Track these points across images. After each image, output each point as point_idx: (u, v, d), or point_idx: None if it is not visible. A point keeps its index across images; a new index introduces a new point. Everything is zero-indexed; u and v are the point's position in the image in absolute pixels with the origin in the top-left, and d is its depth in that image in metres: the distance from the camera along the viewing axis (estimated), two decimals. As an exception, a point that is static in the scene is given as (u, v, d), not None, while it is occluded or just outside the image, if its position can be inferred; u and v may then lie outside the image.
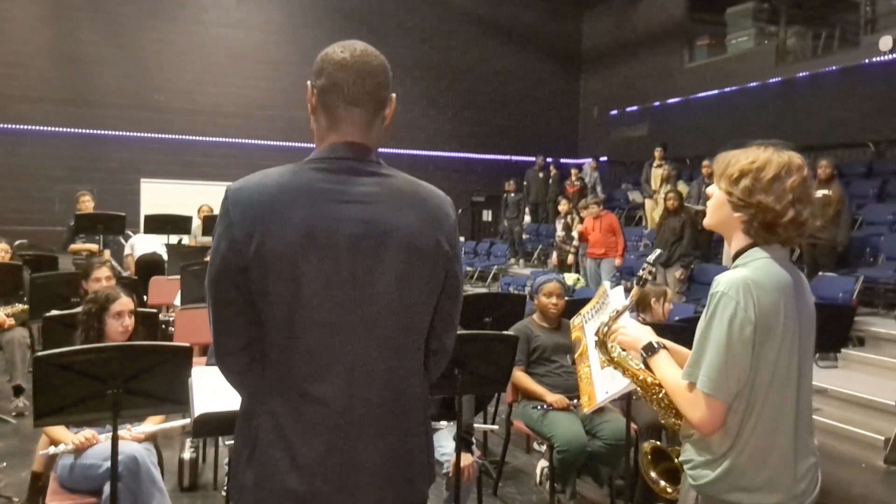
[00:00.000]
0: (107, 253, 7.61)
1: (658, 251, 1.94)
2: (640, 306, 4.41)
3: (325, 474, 1.43)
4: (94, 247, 7.81)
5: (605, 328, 1.94)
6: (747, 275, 1.70)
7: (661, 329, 3.25)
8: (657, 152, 11.10)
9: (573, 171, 12.84)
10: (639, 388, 1.92)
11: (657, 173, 11.10)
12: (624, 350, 1.98)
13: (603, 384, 2.03)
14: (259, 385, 1.48)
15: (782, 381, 1.73)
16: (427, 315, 1.54)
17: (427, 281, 1.50)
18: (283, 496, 1.43)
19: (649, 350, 1.88)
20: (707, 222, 1.88)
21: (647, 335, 1.91)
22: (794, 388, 1.75)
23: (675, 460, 1.94)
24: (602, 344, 1.94)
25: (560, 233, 10.55)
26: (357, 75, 1.48)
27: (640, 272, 1.90)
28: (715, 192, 1.83)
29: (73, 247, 7.92)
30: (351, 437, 1.45)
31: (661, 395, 1.88)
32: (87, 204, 8.27)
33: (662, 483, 1.98)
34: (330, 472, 1.44)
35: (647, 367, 1.91)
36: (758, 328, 1.66)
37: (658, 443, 2.03)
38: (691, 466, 1.79)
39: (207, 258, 6.43)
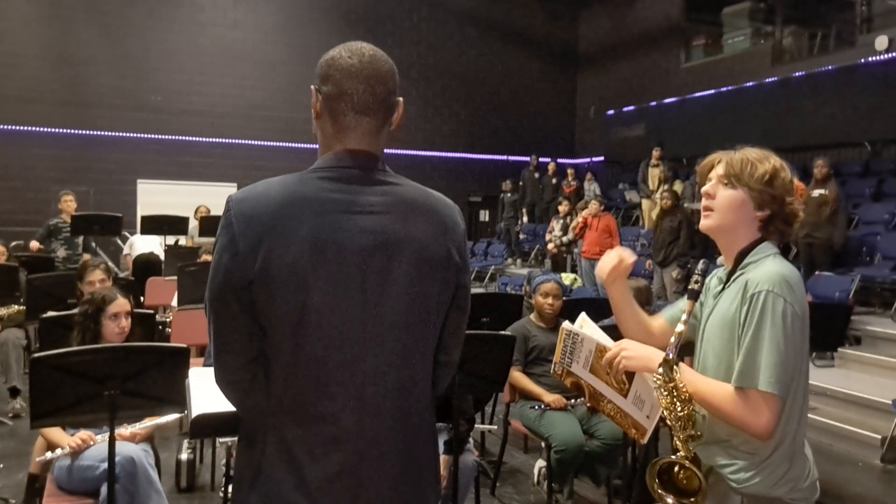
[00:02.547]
0: (85, 256, 7.54)
1: (704, 260, 1.85)
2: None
3: (335, 495, 1.36)
4: (34, 245, 7.86)
5: (671, 353, 1.77)
6: (780, 269, 1.69)
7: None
8: (655, 152, 11.11)
9: (569, 172, 12.83)
10: (665, 410, 1.80)
11: (654, 173, 11.10)
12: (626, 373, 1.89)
13: (638, 413, 1.98)
14: (263, 404, 1.40)
15: (808, 371, 1.76)
16: (437, 327, 1.48)
17: (438, 293, 1.45)
18: None
19: (672, 366, 1.79)
20: (717, 223, 1.82)
21: (657, 352, 1.83)
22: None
23: (689, 465, 1.81)
24: (670, 367, 1.76)
25: (558, 233, 10.56)
26: (367, 83, 1.42)
27: (693, 285, 1.82)
28: (726, 192, 1.79)
29: (34, 244, 7.90)
30: (363, 455, 1.38)
31: (678, 408, 1.79)
32: (69, 204, 8.18)
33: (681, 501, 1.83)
34: (341, 493, 1.37)
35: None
36: (802, 321, 1.68)
37: (670, 457, 1.88)
38: (734, 471, 1.75)
39: (201, 258, 6.47)
